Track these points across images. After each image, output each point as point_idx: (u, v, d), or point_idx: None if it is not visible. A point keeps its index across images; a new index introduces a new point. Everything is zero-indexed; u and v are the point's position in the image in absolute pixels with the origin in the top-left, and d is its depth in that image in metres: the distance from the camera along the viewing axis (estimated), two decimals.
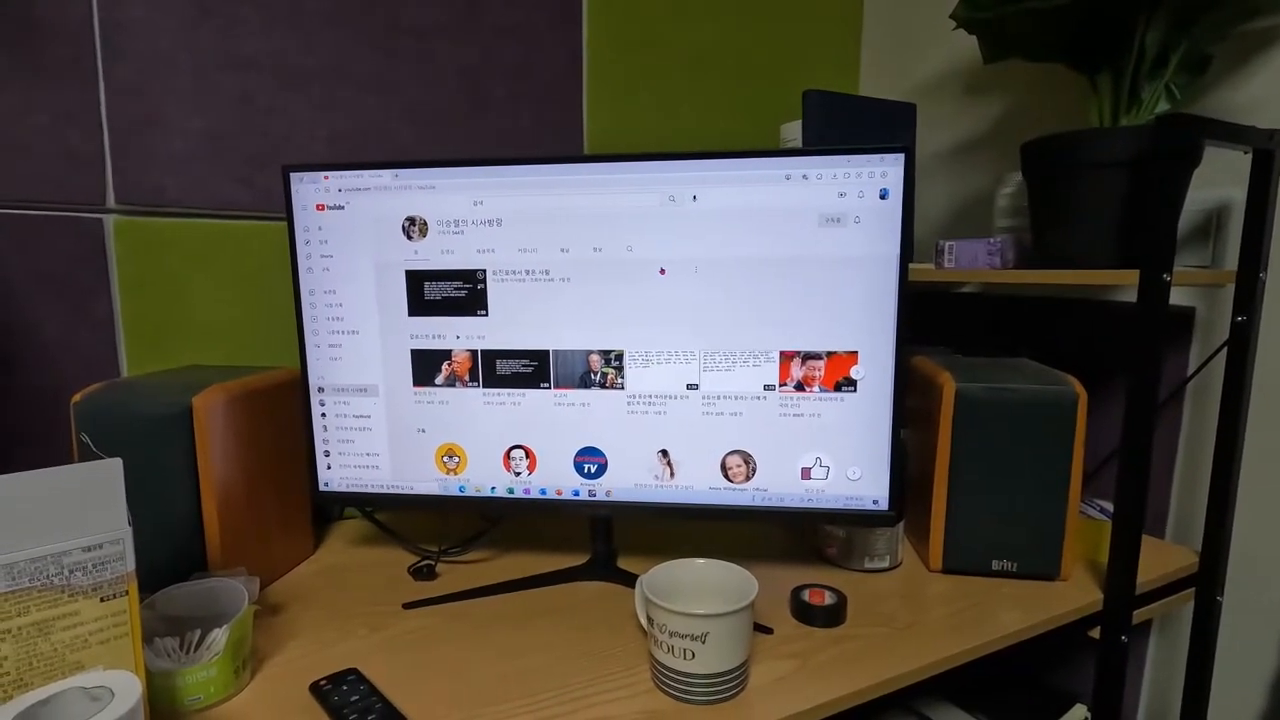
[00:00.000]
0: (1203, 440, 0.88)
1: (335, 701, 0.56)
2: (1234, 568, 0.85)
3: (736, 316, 0.70)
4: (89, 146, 0.79)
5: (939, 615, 0.70)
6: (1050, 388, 0.74)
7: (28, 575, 0.45)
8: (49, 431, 0.81)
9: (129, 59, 0.80)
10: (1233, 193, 0.84)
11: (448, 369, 0.74)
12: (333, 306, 0.74)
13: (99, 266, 0.82)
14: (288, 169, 0.73)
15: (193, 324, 0.87)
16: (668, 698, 0.58)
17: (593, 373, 0.72)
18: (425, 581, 0.78)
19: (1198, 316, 0.88)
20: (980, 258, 0.88)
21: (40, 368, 0.80)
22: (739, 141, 1.19)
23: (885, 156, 0.66)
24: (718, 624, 0.55)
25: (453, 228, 0.71)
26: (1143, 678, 0.95)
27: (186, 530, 0.67)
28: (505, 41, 0.99)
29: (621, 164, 0.69)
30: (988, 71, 1.10)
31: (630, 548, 0.86)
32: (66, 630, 0.47)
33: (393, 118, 0.94)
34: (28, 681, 0.46)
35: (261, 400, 0.75)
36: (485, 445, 0.75)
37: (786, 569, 0.81)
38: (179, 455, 0.66)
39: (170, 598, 0.62)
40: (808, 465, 0.72)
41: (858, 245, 0.67)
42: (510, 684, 0.60)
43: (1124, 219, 0.75)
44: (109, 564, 0.48)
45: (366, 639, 0.67)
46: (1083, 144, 0.76)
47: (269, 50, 0.86)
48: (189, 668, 0.55)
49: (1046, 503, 0.75)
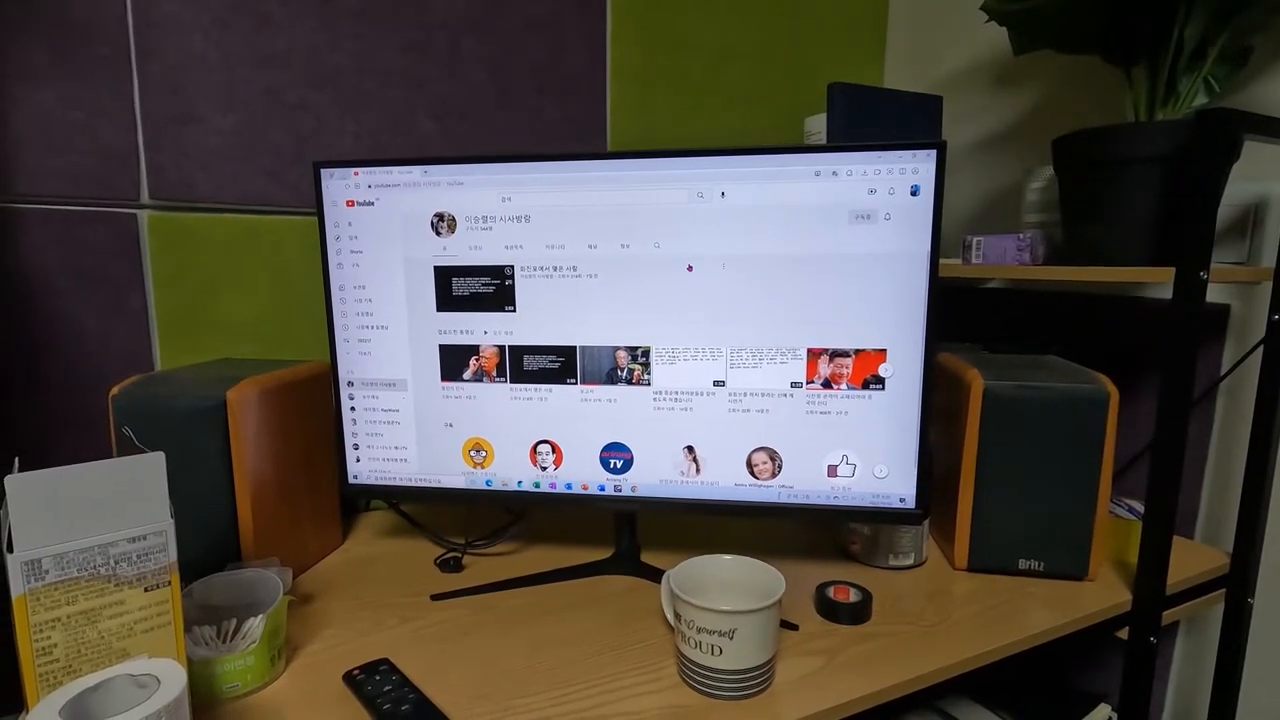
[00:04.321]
0: (1235, 439, 0.86)
1: (369, 691, 0.57)
2: (1265, 569, 0.84)
3: (764, 313, 0.70)
4: (123, 143, 0.81)
5: (965, 614, 0.70)
6: (1081, 386, 0.73)
7: (76, 565, 0.46)
8: (86, 421, 0.83)
9: (162, 57, 0.81)
10: (1270, 187, 0.82)
11: (475, 364, 0.74)
12: (362, 302, 0.75)
13: (133, 261, 0.83)
14: (319, 165, 0.73)
15: (224, 318, 0.89)
16: (695, 693, 0.58)
17: (619, 369, 0.73)
18: (452, 574, 0.79)
19: (1232, 314, 0.86)
20: (1009, 253, 0.86)
21: (77, 359, 0.82)
22: (762, 135, 1.18)
23: (917, 153, 0.65)
24: (745, 620, 0.55)
25: (481, 224, 0.72)
26: (1168, 678, 0.94)
27: (221, 521, 0.69)
28: (530, 36, 0.99)
29: (650, 160, 0.69)
30: (1017, 63, 1.08)
31: (655, 542, 0.87)
32: (113, 619, 0.48)
33: (419, 113, 0.94)
34: (76, 668, 0.47)
35: (293, 394, 0.77)
36: (512, 440, 0.76)
37: (810, 565, 0.81)
38: (214, 447, 0.68)
39: (208, 587, 0.63)
40: (834, 463, 0.72)
41: (888, 242, 0.67)
42: (538, 676, 0.60)
43: (1159, 215, 0.74)
44: (153, 554, 0.49)
45: (396, 629, 0.68)
46: (1118, 139, 0.75)
47: (298, 47, 0.87)
48: (227, 656, 0.56)
49: (1075, 502, 0.74)
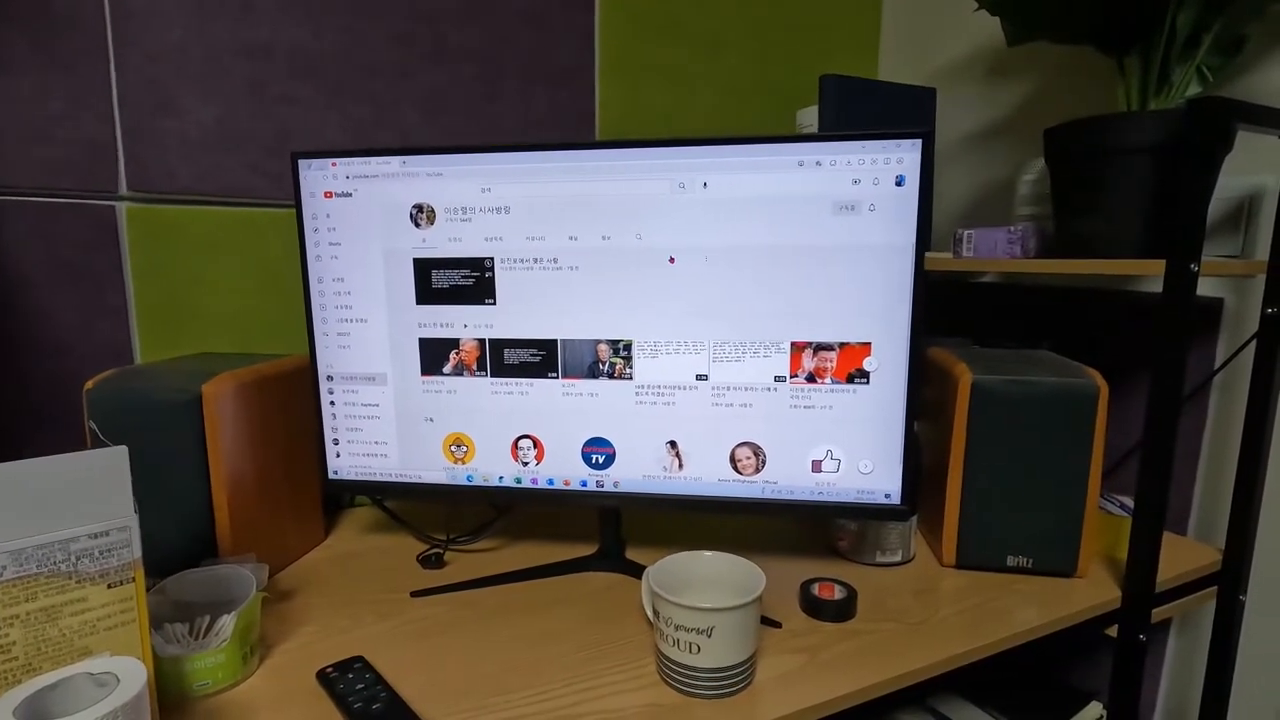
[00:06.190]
0: (1229, 435, 0.85)
1: (341, 689, 0.56)
2: (1258, 566, 0.83)
3: (747, 306, 0.69)
4: (101, 134, 0.80)
5: (951, 611, 0.69)
6: (1070, 381, 0.72)
7: (35, 561, 0.45)
8: (65, 417, 0.82)
9: (140, 47, 0.80)
10: (1265, 180, 0.81)
11: (455, 358, 0.73)
12: (341, 295, 0.74)
13: (112, 253, 0.82)
14: (296, 155, 0.72)
15: (206, 311, 0.88)
16: (673, 691, 0.57)
17: (601, 363, 0.71)
18: (434, 570, 0.79)
19: (1226, 307, 0.85)
20: (1000, 246, 0.85)
21: (56, 353, 0.81)
22: (755, 127, 1.17)
23: (902, 142, 0.64)
24: (723, 618, 0.55)
25: (460, 215, 0.71)
26: (1161, 676, 0.93)
27: (197, 516, 0.68)
28: (517, 26, 0.98)
29: (631, 150, 0.67)
30: (1011, 54, 1.06)
31: (640, 538, 0.86)
32: (74, 616, 0.47)
33: (405, 105, 0.93)
34: (36, 666, 0.46)
35: (273, 388, 0.76)
36: (493, 435, 0.75)
37: (798, 562, 0.80)
38: (189, 442, 0.67)
39: (181, 583, 0.62)
40: (818, 458, 0.71)
41: (872, 234, 0.66)
42: (516, 674, 0.59)
43: (1151, 207, 0.73)
44: (116, 551, 0.48)
45: (374, 627, 0.67)
46: (1109, 128, 0.74)
47: (281, 37, 0.86)
48: (197, 654, 0.55)
49: (1064, 498, 0.73)
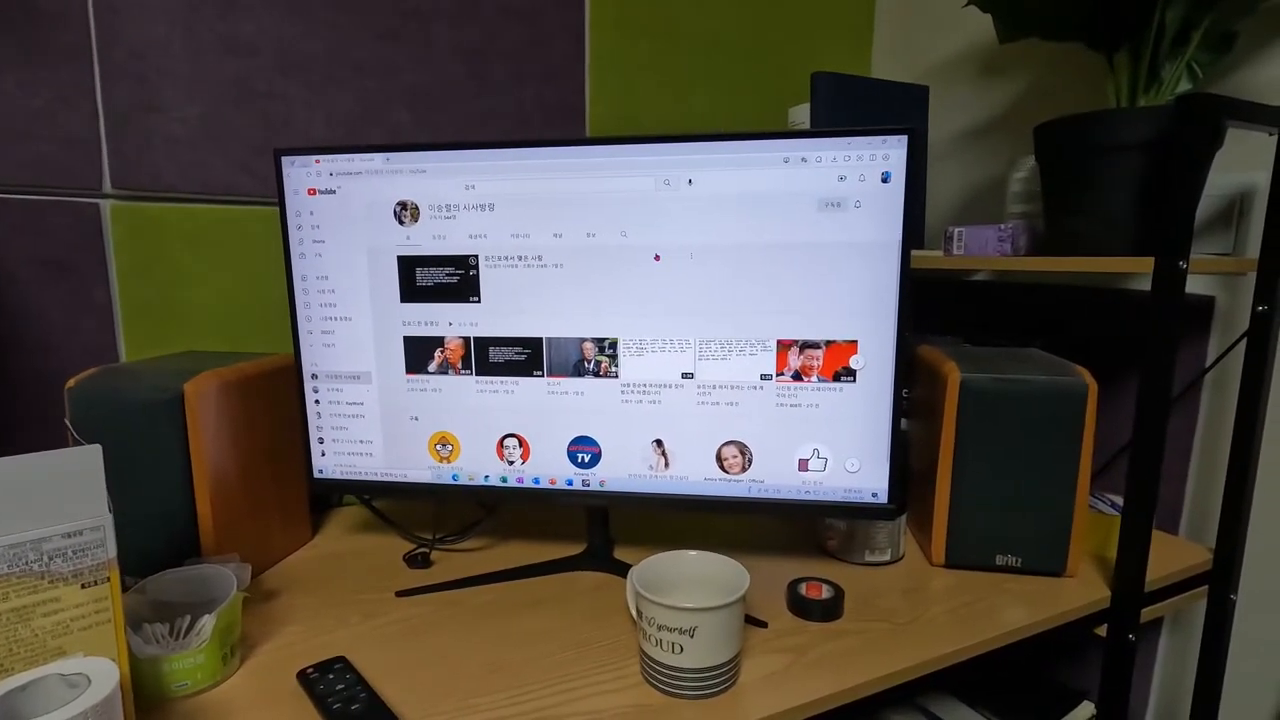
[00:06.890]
0: (1220, 433, 0.85)
1: (321, 690, 0.55)
2: (1248, 565, 0.82)
3: (732, 304, 0.68)
4: (85, 131, 0.79)
5: (939, 611, 0.69)
6: (1059, 379, 0.71)
7: (6, 561, 0.45)
8: (49, 416, 0.82)
9: (125, 43, 0.79)
10: (1256, 177, 0.80)
11: (440, 356, 0.73)
12: (325, 293, 0.73)
13: (97, 251, 0.82)
14: (279, 152, 0.72)
15: (191, 310, 0.87)
16: (657, 692, 0.57)
17: (586, 361, 0.71)
18: (420, 570, 0.78)
19: (1217, 306, 0.85)
20: (990, 244, 0.85)
21: (41, 352, 0.81)
22: (747, 125, 1.16)
23: (888, 139, 0.64)
24: (706, 618, 0.54)
25: (444, 212, 0.70)
26: (1152, 675, 0.93)
27: (180, 516, 0.67)
28: (507, 23, 0.97)
29: (615, 146, 0.67)
30: (1003, 52, 1.06)
31: (630, 538, 0.85)
32: (47, 617, 0.47)
33: (393, 102, 0.92)
34: (8, 667, 0.46)
35: (257, 387, 0.75)
36: (478, 433, 0.74)
37: (786, 561, 0.79)
38: (172, 441, 0.66)
39: (161, 583, 0.62)
40: (805, 457, 0.70)
41: (858, 231, 0.65)
42: (499, 675, 0.59)
43: (1141, 204, 0.72)
44: (89, 550, 0.47)
45: (358, 627, 0.66)
46: (1098, 125, 0.73)
47: (267, 34, 0.85)
48: (176, 654, 0.55)
49: (1054, 497, 0.72)
